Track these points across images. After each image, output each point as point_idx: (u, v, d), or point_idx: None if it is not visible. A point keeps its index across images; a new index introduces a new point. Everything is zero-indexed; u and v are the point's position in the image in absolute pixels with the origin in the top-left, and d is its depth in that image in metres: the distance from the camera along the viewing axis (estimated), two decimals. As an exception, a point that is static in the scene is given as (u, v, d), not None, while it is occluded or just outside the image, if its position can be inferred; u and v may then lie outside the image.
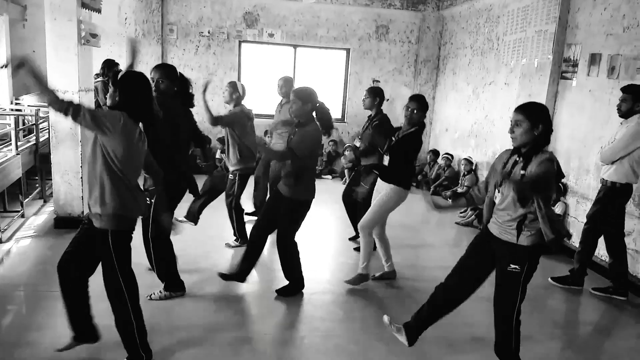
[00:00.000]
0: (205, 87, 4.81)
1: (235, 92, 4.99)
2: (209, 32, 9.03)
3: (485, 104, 7.72)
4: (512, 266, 2.80)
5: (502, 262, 2.86)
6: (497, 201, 2.90)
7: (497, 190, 2.91)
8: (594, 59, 5.39)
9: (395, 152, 4.24)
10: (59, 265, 2.87)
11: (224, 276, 4.20)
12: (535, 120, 2.70)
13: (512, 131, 2.77)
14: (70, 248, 2.90)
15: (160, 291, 3.93)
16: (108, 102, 2.83)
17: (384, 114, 5.09)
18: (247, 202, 5.51)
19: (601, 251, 5.12)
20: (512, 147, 2.88)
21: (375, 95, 5.05)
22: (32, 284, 4.05)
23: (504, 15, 7.23)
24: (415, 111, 4.14)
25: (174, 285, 3.97)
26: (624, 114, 4.24)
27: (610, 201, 4.38)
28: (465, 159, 7.82)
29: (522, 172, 2.72)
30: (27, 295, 3.93)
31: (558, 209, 5.66)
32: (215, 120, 4.81)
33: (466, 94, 8.42)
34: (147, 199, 3.72)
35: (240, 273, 4.18)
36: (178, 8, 8.89)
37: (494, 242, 2.92)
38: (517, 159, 2.80)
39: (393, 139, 4.27)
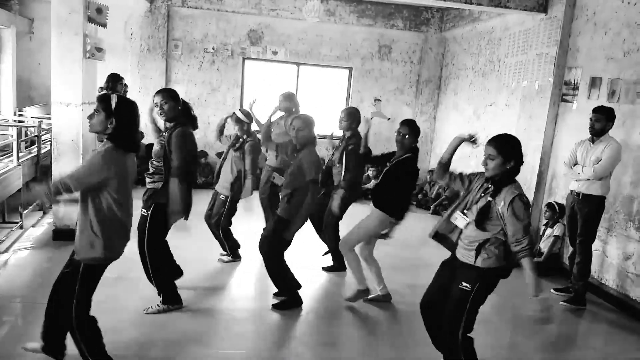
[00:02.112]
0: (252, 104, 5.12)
1: (243, 124, 4.93)
2: (213, 49, 9.12)
3: (486, 124, 7.75)
4: (464, 284, 2.92)
5: (456, 280, 2.97)
6: (460, 224, 3.00)
7: (461, 213, 3.00)
8: (595, 83, 5.43)
9: (387, 178, 4.21)
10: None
11: (279, 306, 4.22)
12: (507, 156, 2.85)
13: (485, 163, 2.92)
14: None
15: (158, 304, 3.91)
16: (97, 128, 2.75)
17: (360, 136, 5.09)
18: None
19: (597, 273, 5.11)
20: None
21: (352, 118, 4.93)
22: (28, 296, 4.04)
23: (505, 37, 7.30)
24: (407, 136, 4.12)
25: (171, 299, 3.95)
26: (597, 132, 4.62)
27: (599, 214, 4.71)
28: (465, 179, 7.82)
29: (489, 199, 2.87)
30: (24, 306, 3.91)
31: (557, 230, 5.66)
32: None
33: (467, 115, 8.46)
34: (144, 210, 3.75)
35: (289, 297, 4.25)
36: (183, 24, 8.99)
37: (457, 264, 3.03)
38: (489, 185, 2.93)
39: (387, 164, 4.26)
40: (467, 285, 2.90)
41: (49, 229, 5.57)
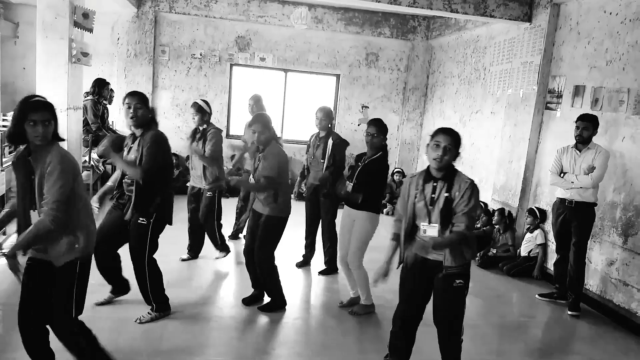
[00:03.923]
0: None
1: (205, 114, 4.96)
2: (200, 55, 9.10)
3: (472, 131, 7.83)
4: (458, 281, 2.94)
5: (445, 280, 2.95)
6: (433, 233, 2.95)
7: (426, 224, 2.98)
8: (578, 91, 5.51)
9: (362, 177, 4.21)
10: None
11: (264, 308, 4.30)
12: (459, 146, 2.96)
13: (442, 155, 2.89)
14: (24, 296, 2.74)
15: (149, 312, 3.87)
16: (49, 137, 2.68)
17: (334, 132, 5.25)
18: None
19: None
20: (415, 173, 3.14)
21: (331, 118, 5.21)
22: (10, 304, 3.95)
23: (490, 46, 7.39)
24: (375, 135, 4.15)
25: (164, 307, 3.94)
26: (585, 140, 4.64)
27: (593, 220, 4.77)
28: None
29: (446, 194, 2.89)
30: (5, 315, 3.84)
31: (539, 237, 5.72)
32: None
33: (453, 122, 8.53)
34: (143, 219, 3.68)
35: (257, 296, 4.37)
36: (171, 30, 8.96)
37: (428, 266, 3.00)
38: (435, 184, 2.95)
39: (359, 164, 4.28)
40: (461, 280, 2.95)
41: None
